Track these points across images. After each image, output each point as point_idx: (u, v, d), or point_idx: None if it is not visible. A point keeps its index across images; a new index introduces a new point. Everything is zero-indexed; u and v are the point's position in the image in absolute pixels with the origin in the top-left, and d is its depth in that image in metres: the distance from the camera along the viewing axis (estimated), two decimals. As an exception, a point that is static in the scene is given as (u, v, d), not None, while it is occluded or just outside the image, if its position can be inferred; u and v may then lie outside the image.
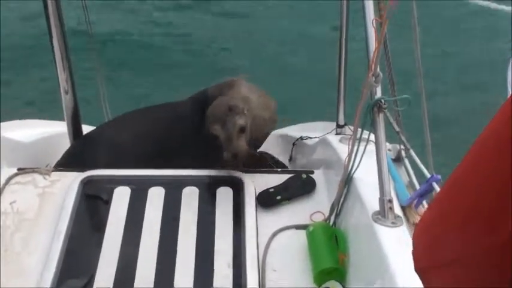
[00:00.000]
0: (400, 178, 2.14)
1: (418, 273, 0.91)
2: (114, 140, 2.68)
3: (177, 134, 2.61)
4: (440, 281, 0.88)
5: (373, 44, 1.80)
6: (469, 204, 0.82)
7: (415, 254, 0.93)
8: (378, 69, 1.78)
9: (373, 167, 1.94)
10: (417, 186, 2.07)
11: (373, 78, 1.75)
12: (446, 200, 0.89)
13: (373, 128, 1.85)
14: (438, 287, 0.89)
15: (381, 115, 1.82)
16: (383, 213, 1.80)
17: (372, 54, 1.79)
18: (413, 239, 0.94)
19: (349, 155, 1.95)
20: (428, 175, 1.68)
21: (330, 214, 2.16)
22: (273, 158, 2.85)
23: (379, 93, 1.84)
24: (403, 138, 1.85)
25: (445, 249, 0.86)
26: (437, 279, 0.88)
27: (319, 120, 3.09)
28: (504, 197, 0.74)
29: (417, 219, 1.85)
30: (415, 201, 1.74)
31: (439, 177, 1.69)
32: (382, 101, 1.79)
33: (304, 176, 2.44)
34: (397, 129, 1.87)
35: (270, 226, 2.22)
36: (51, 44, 2.52)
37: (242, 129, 2.31)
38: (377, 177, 1.89)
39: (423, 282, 0.91)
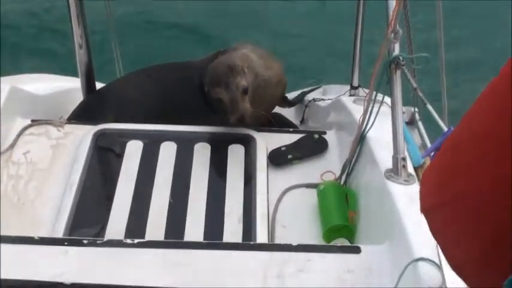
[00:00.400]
0: (413, 140, 2.13)
1: (424, 213, 0.91)
2: (123, 97, 2.69)
3: (185, 94, 2.61)
4: (445, 219, 0.88)
5: (393, 0, 1.78)
6: (481, 133, 0.81)
7: (422, 193, 0.93)
8: (398, 26, 1.76)
9: (387, 128, 1.94)
10: (430, 149, 2.07)
11: (392, 35, 1.73)
12: (458, 134, 0.89)
13: (389, 85, 1.84)
14: (443, 227, 0.89)
15: (398, 72, 1.80)
16: (396, 171, 1.80)
17: (391, 11, 1.77)
18: (421, 179, 0.94)
19: (364, 112, 1.94)
20: (445, 128, 1.67)
21: (342, 173, 2.16)
22: (284, 118, 2.84)
23: (396, 51, 1.82)
24: (420, 93, 1.83)
25: (453, 183, 0.85)
26: (442, 218, 0.88)
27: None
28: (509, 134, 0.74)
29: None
30: (431, 154, 1.73)
31: (456, 130, 1.67)
32: (400, 58, 1.77)
33: (316, 136, 2.43)
34: (415, 85, 1.85)
35: (281, 184, 2.23)
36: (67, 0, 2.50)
37: (245, 91, 2.26)
38: (390, 137, 1.89)
39: (428, 224, 0.91)
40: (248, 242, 1.87)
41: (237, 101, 2.23)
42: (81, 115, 2.59)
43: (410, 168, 1.86)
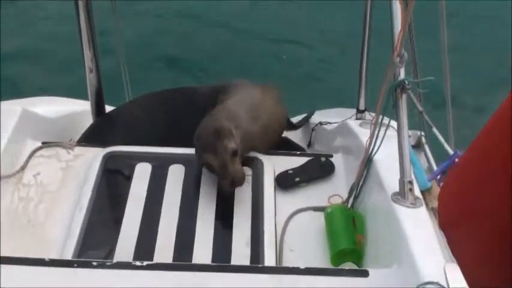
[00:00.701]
0: (419, 163, 2.15)
1: (442, 229, 0.93)
2: (132, 120, 2.73)
3: (191, 119, 2.64)
4: (463, 235, 0.90)
5: (398, 24, 1.81)
6: (489, 159, 0.84)
7: (440, 208, 0.96)
8: (403, 50, 1.78)
9: (393, 151, 1.95)
10: (437, 173, 2.08)
11: (398, 59, 1.76)
12: (469, 156, 0.91)
13: (395, 110, 1.86)
14: (461, 242, 0.91)
15: (404, 96, 1.83)
16: (403, 194, 1.81)
17: (396, 35, 1.80)
18: (439, 195, 0.97)
19: (371, 135, 1.96)
20: (451, 152, 1.68)
21: (349, 196, 2.17)
22: (293, 142, 2.86)
23: (402, 75, 1.84)
24: (426, 117, 1.85)
25: (470, 199, 0.87)
26: (460, 233, 0.90)
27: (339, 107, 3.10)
28: None
29: (435, 204, 1.86)
30: (438, 178, 1.75)
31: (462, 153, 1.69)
32: (406, 82, 1.80)
33: (323, 159, 2.45)
34: (420, 109, 1.87)
35: (288, 207, 2.24)
36: (78, 23, 2.55)
37: (234, 153, 2.21)
38: (397, 161, 1.90)
39: (447, 239, 0.92)
40: (256, 265, 1.88)
41: (227, 165, 2.18)
42: (91, 138, 2.63)
43: (417, 192, 1.87)
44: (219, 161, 2.19)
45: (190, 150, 2.45)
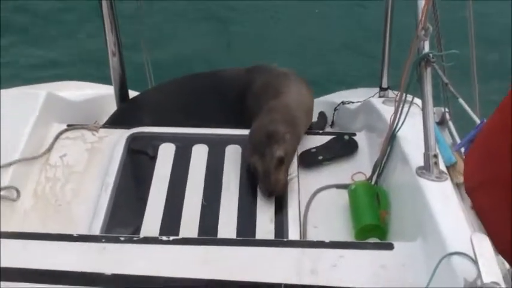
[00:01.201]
0: (444, 140, 2.13)
1: (468, 193, 0.93)
2: (156, 106, 2.75)
3: (214, 104, 2.65)
4: (489, 197, 0.90)
5: (423, -2, 1.79)
6: None
7: (466, 173, 0.96)
8: (427, 23, 1.77)
9: (417, 127, 1.95)
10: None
11: (423, 32, 1.74)
12: (495, 119, 0.91)
13: (420, 83, 1.85)
14: (487, 205, 0.91)
15: (429, 70, 1.81)
16: (428, 168, 1.80)
17: (420, 9, 1.78)
18: (465, 160, 0.96)
19: (395, 111, 1.95)
20: (478, 121, 1.67)
21: (373, 173, 2.17)
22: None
23: (426, 49, 1.83)
24: (451, 89, 1.83)
25: (495, 163, 0.87)
26: (486, 197, 0.90)
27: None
28: None
29: (461, 179, 1.85)
30: (465, 147, 1.73)
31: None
32: (431, 55, 1.78)
33: (346, 137, 2.45)
34: (446, 81, 1.86)
35: (312, 185, 2.25)
36: (100, 7, 2.57)
37: (281, 161, 2.15)
38: (421, 136, 1.89)
39: (473, 202, 0.92)
40: (281, 239, 1.89)
41: (270, 173, 2.14)
42: (115, 123, 2.65)
43: (442, 166, 1.86)
44: (264, 166, 2.15)
45: (213, 130, 2.47)
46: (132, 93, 2.97)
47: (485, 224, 0.92)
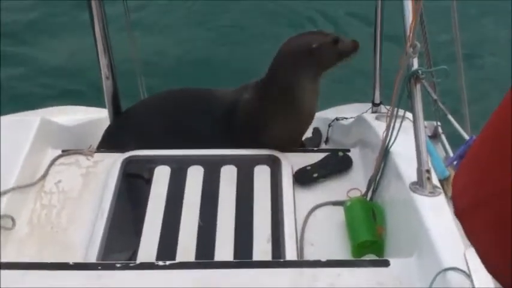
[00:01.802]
0: (436, 153, 2.15)
1: (457, 216, 0.93)
2: (142, 120, 2.74)
3: (203, 122, 2.63)
4: (479, 221, 0.89)
5: (409, 15, 1.82)
6: (502, 140, 0.83)
7: (454, 195, 0.95)
8: (415, 41, 1.79)
9: (410, 142, 1.95)
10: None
11: (411, 49, 1.76)
12: (482, 140, 0.91)
13: (410, 100, 1.86)
14: (477, 229, 0.90)
15: (418, 86, 1.83)
16: (421, 183, 1.81)
17: (408, 26, 1.80)
18: (452, 181, 0.96)
19: (387, 127, 1.96)
20: (467, 137, 1.68)
21: (367, 189, 2.17)
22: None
23: (415, 65, 1.84)
24: (440, 105, 1.85)
25: (483, 185, 0.87)
26: (475, 220, 0.90)
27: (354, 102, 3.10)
28: None
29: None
30: (455, 163, 1.75)
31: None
32: (420, 71, 1.80)
33: (340, 153, 2.46)
34: (435, 97, 1.87)
35: (307, 203, 2.25)
36: (93, 30, 2.59)
37: (336, 41, 2.39)
38: (414, 151, 1.90)
39: (463, 226, 0.92)
40: (278, 260, 1.89)
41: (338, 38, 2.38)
42: (108, 139, 2.66)
43: (435, 181, 1.87)
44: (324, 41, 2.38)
45: (209, 152, 2.48)
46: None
47: (476, 247, 0.91)
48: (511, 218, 0.82)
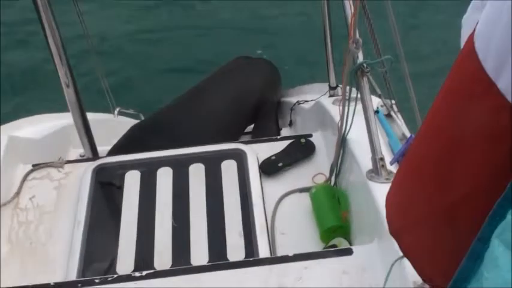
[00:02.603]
0: (393, 133, 2.23)
1: (392, 234, 1.01)
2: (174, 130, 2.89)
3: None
4: (413, 240, 0.98)
5: (350, 11, 1.87)
6: (425, 166, 0.91)
7: (388, 215, 1.02)
8: (358, 36, 1.85)
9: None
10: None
11: (354, 45, 1.83)
12: (409, 163, 0.98)
13: (358, 91, 1.94)
14: (411, 247, 0.98)
15: (365, 79, 1.90)
16: (376, 171, 1.90)
17: (349, 21, 1.86)
18: (385, 202, 1.03)
19: (341, 118, 2.04)
20: (407, 132, 1.77)
21: (330, 175, 2.27)
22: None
23: (361, 58, 1.91)
24: (383, 101, 1.92)
25: (411, 210, 0.95)
26: (409, 239, 0.98)
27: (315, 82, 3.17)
28: (450, 161, 0.83)
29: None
30: (399, 160, 1.84)
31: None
32: (364, 65, 1.87)
33: (303, 140, 2.54)
34: (379, 92, 1.95)
35: (276, 192, 2.34)
36: (47, 41, 2.59)
37: None
38: None
39: (398, 243, 1.00)
40: (249, 259, 1.98)
41: None
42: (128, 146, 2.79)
43: (390, 166, 1.96)
44: None
45: (176, 151, 2.54)
46: (95, 116, 3.02)
47: (411, 262, 1.00)
48: (436, 241, 0.90)
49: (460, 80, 0.82)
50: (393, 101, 2.41)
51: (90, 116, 2.95)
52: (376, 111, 2.25)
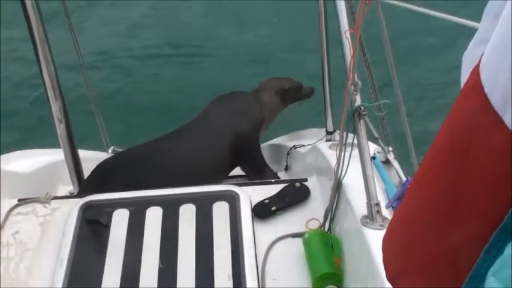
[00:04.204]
0: (390, 179, 2.19)
1: (389, 281, 0.95)
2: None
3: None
4: (410, 285, 0.91)
5: (348, 53, 1.86)
6: (426, 208, 0.86)
7: (385, 261, 0.97)
8: (356, 78, 1.83)
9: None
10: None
11: (352, 87, 1.80)
12: (407, 207, 0.93)
13: (355, 135, 1.90)
14: None
15: (362, 121, 1.87)
16: (371, 217, 1.85)
17: (348, 62, 1.84)
18: (382, 246, 0.98)
19: (338, 161, 2.00)
20: (404, 178, 1.72)
21: (324, 221, 2.20)
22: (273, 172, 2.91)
23: (359, 101, 1.88)
24: (381, 143, 1.89)
25: (410, 255, 0.89)
26: (406, 286, 0.91)
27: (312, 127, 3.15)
28: (454, 200, 0.78)
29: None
30: (394, 205, 1.79)
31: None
32: (362, 108, 1.84)
33: (298, 184, 2.48)
34: (376, 135, 1.92)
35: (267, 237, 2.27)
36: (42, 75, 2.58)
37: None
38: None
39: None
40: None
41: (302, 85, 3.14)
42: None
43: (387, 211, 1.91)
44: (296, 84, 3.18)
45: (167, 191, 2.48)
46: (86, 154, 2.97)
47: None
48: (436, 285, 0.84)
49: (463, 117, 0.78)
50: (390, 148, 2.37)
51: (82, 153, 2.92)
52: (373, 157, 2.21)
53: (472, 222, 0.74)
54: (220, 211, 2.37)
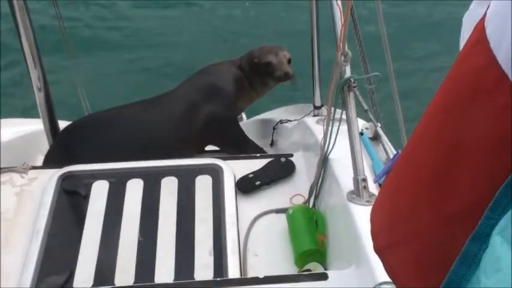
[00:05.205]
0: (377, 156, 2.14)
1: (377, 253, 0.90)
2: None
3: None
4: (399, 259, 0.87)
5: (339, 23, 1.79)
6: (417, 177, 0.81)
7: (373, 232, 0.92)
8: (347, 48, 1.76)
9: (349, 147, 1.94)
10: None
11: (342, 58, 1.74)
12: (398, 176, 0.88)
13: (344, 108, 1.84)
14: (397, 266, 0.88)
15: (351, 94, 1.81)
16: (357, 193, 1.80)
17: (338, 32, 1.78)
18: (370, 218, 0.93)
19: (324, 135, 1.94)
20: (394, 152, 1.67)
21: (309, 196, 2.15)
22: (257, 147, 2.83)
23: (348, 73, 1.82)
24: (371, 116, 1.84)
25: (401, 224, 0.85)
26: (395, 258, 0.87)
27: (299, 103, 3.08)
28: (450, 167, 0.73)
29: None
30: (382, 179, 1.74)
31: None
32: (352, 79, 1.78)
33: (283, 159, 2.43)
34: (366, 107, 1.86)
35: (251, 212, 2.22)
36: (20, 42, 2.49)
37: (289, 61, 2.77)
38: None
39: (383, 262, 0.90)
40: (216, 279, 1.85)
41: (284, 63, 2.74)
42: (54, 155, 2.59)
43: (374, 188, 1.86)
44: (278, 60, 2.76)
45: (148, 163, 2.41)
46: (65, 124, 2.89)
47: (395, 282, 0.89)
48: (425, 257, 0.80)
49: (464, 75, 0.72)
50: (379, 124, 2.32)
51: (63, 124, 2.83)
52: (361, 133, 2.15)
53: (472, 191, 0.68)
54: (203, 185, 2.31)
